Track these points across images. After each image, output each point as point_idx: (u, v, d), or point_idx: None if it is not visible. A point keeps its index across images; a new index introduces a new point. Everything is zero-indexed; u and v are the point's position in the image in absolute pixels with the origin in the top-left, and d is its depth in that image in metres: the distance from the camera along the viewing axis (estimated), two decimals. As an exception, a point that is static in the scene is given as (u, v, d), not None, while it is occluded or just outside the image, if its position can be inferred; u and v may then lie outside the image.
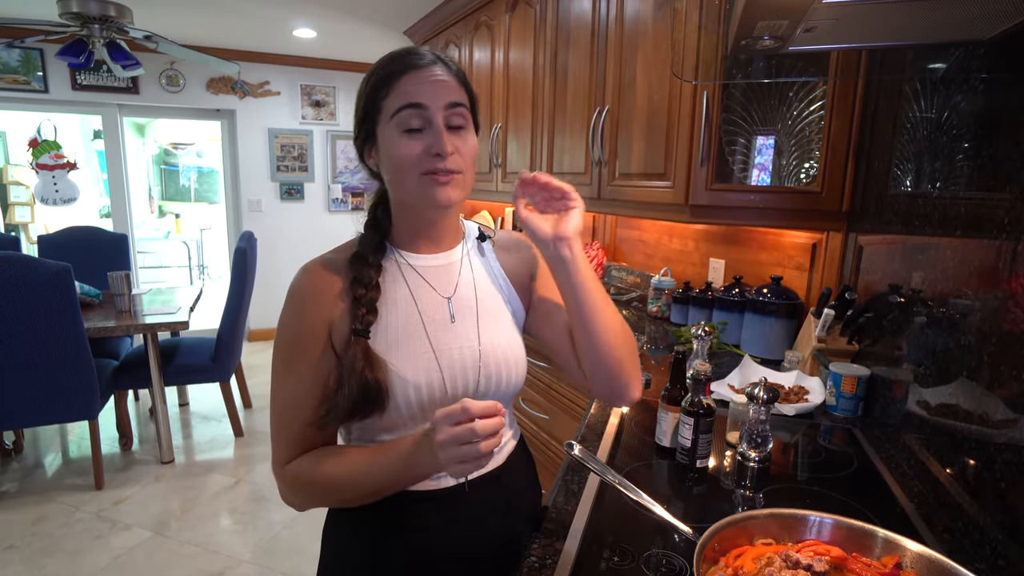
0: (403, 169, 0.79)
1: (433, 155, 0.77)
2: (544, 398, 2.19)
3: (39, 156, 4.49)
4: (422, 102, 0.77)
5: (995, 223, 0.89)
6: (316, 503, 0.84)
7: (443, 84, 0.79)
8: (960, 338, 0.98)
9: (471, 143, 0.82)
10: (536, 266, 0.96)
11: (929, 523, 0.94)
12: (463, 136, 0.81)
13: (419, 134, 0.78)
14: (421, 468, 0.74)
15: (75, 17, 2.60)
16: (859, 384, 1.36)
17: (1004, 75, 0.92)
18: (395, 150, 0.78)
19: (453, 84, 0.80)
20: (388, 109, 0.79)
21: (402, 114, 0.77)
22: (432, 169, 0.78)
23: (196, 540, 2.43)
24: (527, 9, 2.59)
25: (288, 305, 0.81)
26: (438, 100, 0.78)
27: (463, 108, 0.80)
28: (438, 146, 0.77)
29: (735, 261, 2.08)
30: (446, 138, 0.77)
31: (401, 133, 0.78)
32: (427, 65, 0.79)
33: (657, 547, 0.84)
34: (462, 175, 0.80)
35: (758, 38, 0.94)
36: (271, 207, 5.13)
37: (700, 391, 1.05)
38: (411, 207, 0.84)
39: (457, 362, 0.83)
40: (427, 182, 0.78)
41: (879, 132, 1.43)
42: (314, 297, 0.80)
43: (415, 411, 0.81)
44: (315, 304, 0.80)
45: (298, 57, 4.95)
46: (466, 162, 0.81)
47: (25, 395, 2.58)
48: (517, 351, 0.89)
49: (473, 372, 0.84)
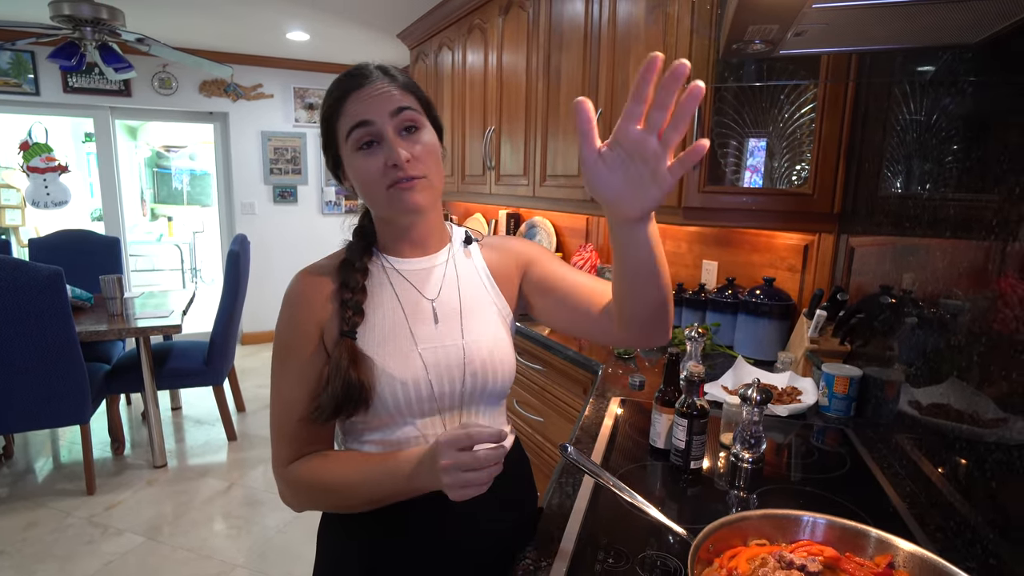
0: (369, 187, 0.81)
1: (391, 167, 0.79)
2: (538, 400, 2.19)
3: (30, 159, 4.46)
4: (368, 118, 0.79)
5: (984, 224, 0.90)
6: (315, 506, 0.86)
7: (386, 95, 0.80)
8: (950, 338, 0.99)
9: (427, 142, 0.82)
10: (527, 257, 0.96)
11: (921, 522, 0.94)
12: (417, 138, 0.82)
13: (375, 149, 0.80)
14: (422, 485, 0.76)
15: (67, 20, 2.59)
16: (851, 385, 1.37)
17: (992, 78, 0.94)
18: (357, 171, 0.81)
19: (396, 93, 0.81)
20: (342, 132, 0.81)
21: (354, 134, 0.80)
22: (394, 180, 0.79)
23: (189, 545, 2.42)
24: (520, 12, 2.60)
25: (282, 311, 0.85)
26: (382, 112, 0.79)
27: (410, 111, 0.81)
28: (392, 157, 0.78)
29: (728, 263, 2.09)
30: (399, 147, 0.79)
31: (357, 152, 0.80)
32: (369, 83, 0.80)
33: (652, 548, 0.85)
34: (426, 178, 0.81)
35: (749, 42, 0.95)
36: (264, 210, 5.12)
37: (694, 393, 1.06)
38: (388, 220, 0.87)
39: (442, 361, 0.84)
40: (394, 193, 0.80)
41: (869, 134, 1.44)
42: (305, 301, 0.84)
43: (401, 408, 0.82)
44: (306, 308, 0.83)
45: (291, 60, 4.94)
46: (426, 164, 0.82)
47: (16, 399, 2.56)
48: (503, 349, 0.90)
49: (458, 370, 0.85)
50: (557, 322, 0.95)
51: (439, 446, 0.71)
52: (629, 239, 0.70)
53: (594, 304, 0.89)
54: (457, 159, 3.36)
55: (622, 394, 1.52)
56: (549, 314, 0.95)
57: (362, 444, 0.87)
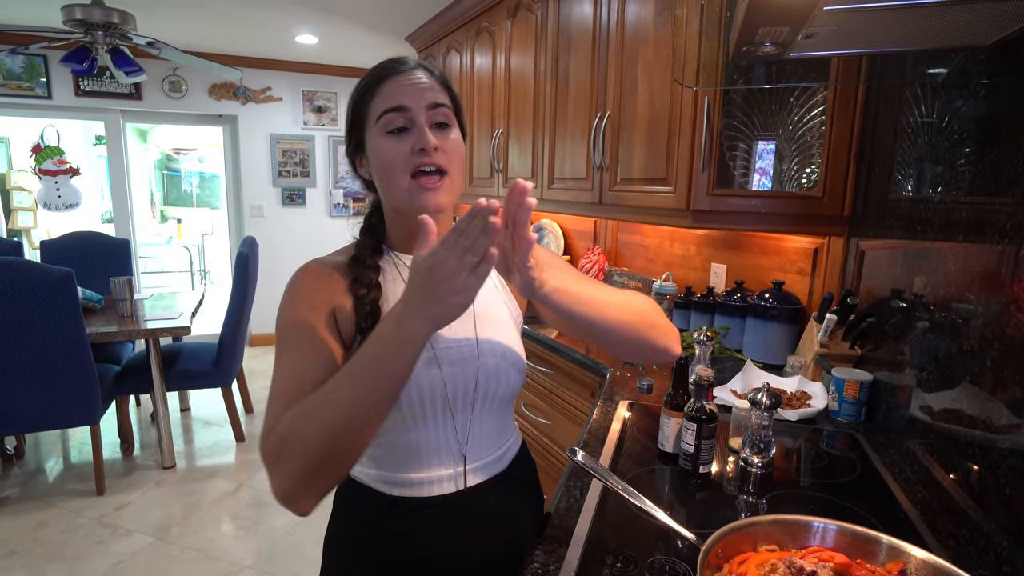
0: (391, 170, 0.80)
1: (418, 151, 0.79)
2: (546, 403, 2.19)
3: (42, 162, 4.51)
4: (404, 104, 0.79)
5: (997, 228, 0.89)
6: (303, 454, 0.67)
7: (424, 87, 0.81)
8: (963, 343, 0.98)
9: (456, 141, 0.83)
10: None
11: (933, 529, 0.93)
12: (447, 134, 0.82)
13: (404, 134, 0.80)
14: (402, 342, 0.64)
15: (79, 24, 2.62)
16: (862, 389, 1.36)
17: (1006, 80, 0.93)
18: (382, 152, 0.80)
19: (435, 86, 0.82)
20: (373, 114, 0.81)
21: (386, 117, 0.79)
22: (419, 166, 0.79)
23: (197, 546, 2.43)
24: (528, 15, 2.60)
25: (286, 296, 0.81)
26: (420, 101, 0.80)
27: (445, 108, 0.82)
28: (422, 141, 0.78)
29: (737, 266, 2.08)
30: (429, 134, 0.79)
31: (386, 135, 0.80)
32: (409, 70, 0.82)
33: (660, 553, 0.84)
34: (449, 177, 0.81)
35: (759, 44, 0.95)
36: (273, 212, 5.14)
37: (703, 396, 1.05)
38: (403, 213, 0.85)
39: (456, 360, 0.83)
40: (415, 188, 0.79)
41: (880, 137, 1.43)
42: (315, 285, 0.81)
43: (415, 409, 0.81)
44: (317, 290, 0.81)
45: (300, 63, 4.97)
46: (452, 161, 0.82)
47: (27, 400, 2.58)
48: (515, 351, 0.90)
49: (472, 370, 0.84)
50: (565, 329, 0.95)
51: (415, 261, 0.63)
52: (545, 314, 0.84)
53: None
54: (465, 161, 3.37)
55: (630, 397, 1.51)
56: (557, 322, 0.95)
57: (369, 451, 0.85)
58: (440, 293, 0.61)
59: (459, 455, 0.86)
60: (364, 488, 0.86)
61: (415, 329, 0.63)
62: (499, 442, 0.91)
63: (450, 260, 0.60)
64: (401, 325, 0.64)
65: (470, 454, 0.86)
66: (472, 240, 0.59)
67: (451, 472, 0.85)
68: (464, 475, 0.86)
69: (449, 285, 0.60)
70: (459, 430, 0.85)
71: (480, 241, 0.59)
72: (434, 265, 0.60)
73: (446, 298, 0.61)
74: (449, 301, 0.61)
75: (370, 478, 0.86)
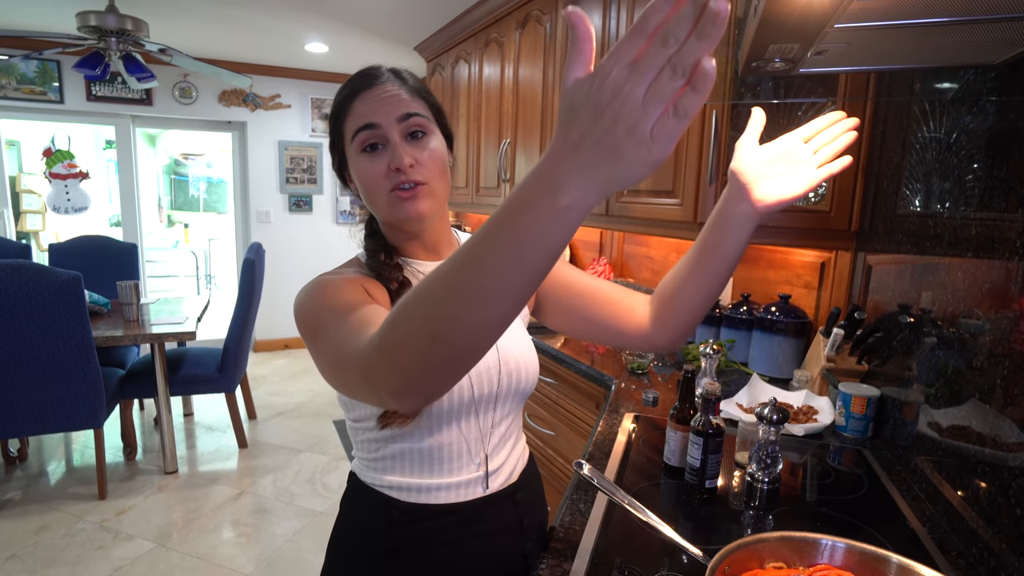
0: (372, 189, 0.80)
1: (394, 170, 0.78)
2: (550, 414, 2.18)
3: (52, 165, 4.55)
4: (374, 121, 0.78)
5: (1007, 244, 0.89)
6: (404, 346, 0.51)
7: (394, 99, 0.79)
8: (971, 359, 0.97)
9: (433, 151, 0.81)
10: None
11: (942, 547, 0.93)
12: (424, 144, 0.80)
13: (378, 151, 0.79)
14: (556, 213, 0.42)
15: (93, 30, 2.65)
16: (869, 404, 1.35)
17: (1016, 97, 0.93)
18: (360, 172, 0.80)
19: (405, 97, 0.80)
20: (348, 133, 0.80)
21: (359, 136, 0.79)
22: (396, 184, 0.78)
23: (198, 552, 2.42)
24: (537, 27, 2.62)
25: (308, 296, 0.74)
26: (390, 116, 0.78)
27: (419, 117, 0.80)
28: (396, 161, 0.77)
29: (743, 279, 2.08)
30: (402, 151, 0.77)
31: (361, 154, 0.79)
32: (378, 84, 0.80)
33: (666, 568, 0.83)
34: (427, 185, 0.80)
35: (769, 60, 0.95)
36: (279, 218, 5.17)
37: (710, 411, 1.05)
38: (392, 225, 0.85)
39: (480, 362, 0.82)
40: (395, 200, 0.79)
41: (888, 152, 1.43)
42: (340, 284, 0.76)
43: (443, 411, 0.80)
44: (345, 283, 0.76)
45: (309, 71, 5.01)
46: (430, 171, 0.80)
47: (32, 403, 2.59)
48: (530, 349, 0.92)
49: (495, 370, 0.85)
50: (570, 326, 0.95)
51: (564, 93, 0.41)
52: (739, 232, 0.78)
53: (611, 305, 0.90)
54: (472, 171, 3.38)
55: (635, 410, 1.51)
56: (563, 319, 0.95)
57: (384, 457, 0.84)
58: (618, 140, 0.38)
59: (482, 457, 0.85)
60: (375, 494, 0.85)
61: (575, 197, 0.41)
62: (513, 447, 0.91)
63: (636, 87, 0.37)
64: (554, 190, 0.41)
65: (492, 457, 0.86)
66: (673, 47, 0.35)
67: (473, 477, 0.85)
68: (486, 477, 0.86)
69: (631, 129, 0.37)
70: (483, 430, 0.85)
71: (691, 49, 0.34)
72: (606, 97, 0.38)
73: (628, 150, 0.38)
74: (633, 155, 0.38)
75: (382, 484, 0.85)
